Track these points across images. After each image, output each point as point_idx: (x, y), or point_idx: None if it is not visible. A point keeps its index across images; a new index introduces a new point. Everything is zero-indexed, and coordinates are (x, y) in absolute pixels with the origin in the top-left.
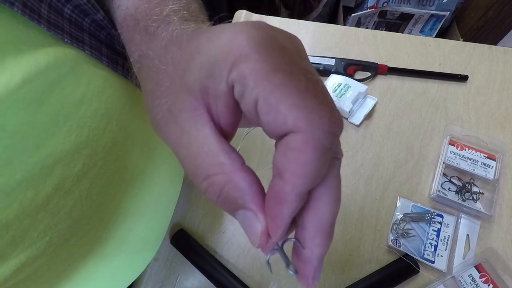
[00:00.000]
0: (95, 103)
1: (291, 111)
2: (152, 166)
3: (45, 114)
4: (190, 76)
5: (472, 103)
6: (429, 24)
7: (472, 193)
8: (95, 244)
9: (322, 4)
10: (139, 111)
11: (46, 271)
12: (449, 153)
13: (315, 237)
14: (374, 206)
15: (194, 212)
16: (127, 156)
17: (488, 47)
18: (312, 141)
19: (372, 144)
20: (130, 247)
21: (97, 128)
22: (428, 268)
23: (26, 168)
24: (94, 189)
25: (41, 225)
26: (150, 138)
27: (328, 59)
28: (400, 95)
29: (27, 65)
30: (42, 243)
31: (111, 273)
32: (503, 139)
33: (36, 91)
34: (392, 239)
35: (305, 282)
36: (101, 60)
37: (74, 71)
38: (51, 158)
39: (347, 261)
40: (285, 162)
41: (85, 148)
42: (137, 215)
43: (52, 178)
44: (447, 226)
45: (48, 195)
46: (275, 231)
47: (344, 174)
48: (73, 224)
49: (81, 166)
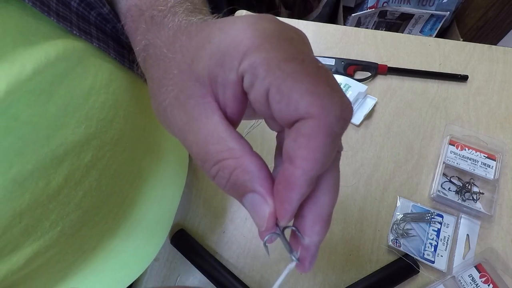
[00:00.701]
0: (102, 95)
1: (304, 97)
2: (158, 157)
3: (55, 105)
4: (199, 64)
5: (472, 103)
6: (429, 24)
7: (472, 193)
8: (104, 235)
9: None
10: (145, 104)
11: (57, 261)
12: (449, 153)
13: (314, 226)
14: (374, 206)
15: (194, 212)
16: (134, 148)
17: (488, 47)
18: (324, 126)
19: (372, 144)
20: (137, 240)
21: (105, 119)
22: (428, 268)
23: (37, 158)
24: (103, 180)
25: (53, 215)
26: (157, 131)
27: (328, 59)
28: (400, 95)
29: (38, 56)
30: (54, 233)
31: (119, 265)
32: (503, 139)
33: (46, 82)
34: (392, 239)
35: (301, 268)
36: (109, 53)
37: (82, 63)
38: (61, 148)
39: (347, 261)
40: (296, 148)
41: (94, 139)
42: (144, 208)
43: (62, 168)
44: (447, 226)
45: (59, 186)
46: (284, 215)
47: (344, 174)
48: (83, 214)
49: (90, 157)
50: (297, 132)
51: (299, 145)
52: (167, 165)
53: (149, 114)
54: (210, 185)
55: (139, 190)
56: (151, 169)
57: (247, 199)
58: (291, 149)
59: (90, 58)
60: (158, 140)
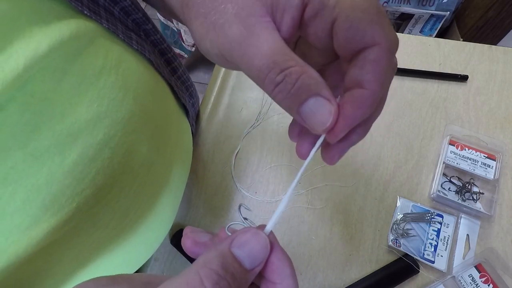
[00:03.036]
0: (113, 75)
1: (372, 26)
2: (164, 142)
3: (69, 83)
4: None
5: (472, 103)
6: (429, 24)
7: (472, 193)
8: (116, 213)
9: None
10: (152, 87)
11: (72, 237)
12: (449, 153)
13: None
14: (374, 206)
15: (194, 212)
16: (143, 129)
17: (488, 47)
18: (387, 52)
19: (372, 144)
20: (147, 223)
21: (116, 99)
22: (428, 268)
23: (53, 135)
24: (115, 158)
25: (68, 191)
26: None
27: None
28: (400, 95)
29: (52, 34)
30: (70, 209)
31: (129, 248)
32: (503, 139)
33: (61, 60)
34: (392, 239)
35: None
36: (118, 34)
37: (94, 43)
38: (75, 126)
39: (347, 261)
40: (364, 73)
41: (106, 118)
42: (152, 190)
43: (76, 145)
44: (447, 226)
45: (73, 162)
46: (343, 128)
47: (344, 174)
48: (97, 191)
49: (103, 135)
50: (364, 60)
51: (367, 70)
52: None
53: (155, 97)
54: (210, 185)
55: (149, 171)
56: (159, 150)
57: (309, 104)
58: (359, 75)
59: (100, 39)
60: (164, 125)
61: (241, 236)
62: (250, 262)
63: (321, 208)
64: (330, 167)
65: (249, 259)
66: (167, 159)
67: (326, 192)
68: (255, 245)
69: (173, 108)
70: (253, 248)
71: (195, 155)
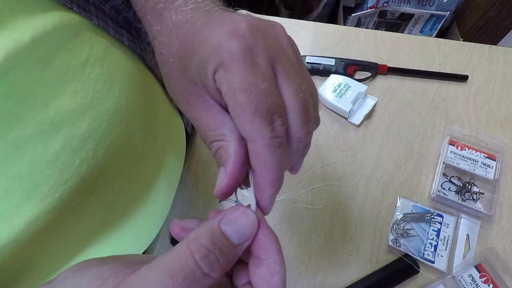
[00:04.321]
0: (98, 67)
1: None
2: (154, 136)
3: (52, 73)
4: (191, 71)
5: (472, 103)
6: (429, 24)
7: (472, 193)
8: (101, 205)
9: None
10: (140, 81)
11: (57, 227)
12: (449, 153)
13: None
14: (374, 206)
15: (194, 212)
16: (130, 122)
17: (488, 47)
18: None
19: (372, 144)
20: (135, 216)
21: (101, 91)
22: (428, 268)
23: (35, 124)
24: (100, 150)
25: (51, 180)
26: (151, 110)
27: (328, 59)
28: (400, 95)
29: (36, 25)
30: (54, 199)
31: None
32: (503, 139)
33: (44, 51)
34: (392, 239)
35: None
36: (108, 30)
37: (78, 36)
38: (58, 116)
39: (347, 261)
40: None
41: (90, 110)
42: (140, 184)
43: (60, 135)
44: (447, 226)
45: (56, 152)
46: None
47: (344, 174)
48: (81, 182)
49: (87, 126)
50: (249, 150)
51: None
52: (164, 144)
53: (143, 91)
54: (210, 185)
55: (136, 164)
56: (146, 145)
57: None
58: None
59: (86, 32)
60: (153, 120)
61: (230, 214)
62: (238, 238)
63: (321, 208)
64: (330, 167)
65: (237, 235)
66: (156, 154)
67: (326, 192)
68: (243, 222)
69: (164, 104)
70: (241, 224)
71: (195, 155)
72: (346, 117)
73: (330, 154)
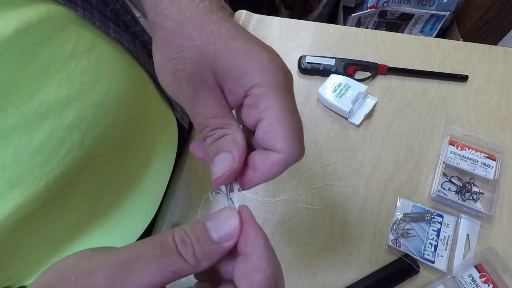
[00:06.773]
0: (84, 60)
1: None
2: (143, 127)
3: (37, 65)
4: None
5: (472, 103)
6: (429, 24)
7: (472, 193)
8: (88, 196)
9: (322, 4)
10: (129, 74)
11: (42, 216)
12: (449, 153)
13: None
14: (374, 206)
15: (194, 212)
16: (117, 114)
17: (488, 47)
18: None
19: (372, 144)
20: (123, 208)
21: (87, 83)
22: (428, 268)
23: (19, 115)
24: (86, 141)
25: (36, 170)
26: (141, 102)
27: (328, 59)
28: (400, 95)
29: (20, 17)
30: (38, 188)
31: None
32: (503, 139)
33: (29, 43)
34: (392, 239)
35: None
36: (94, 22)
37: (64, 28)
38: (43, 106)
39: (347, 261)
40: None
41: (76, 101)
42: (128, 176)
43: (44, 126)
44: (447, 226)
45: (41, 142)
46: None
47: (344, 174)
48: (66, 172)
49: (72, 118)
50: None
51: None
52: (153, 139)
53: (132, 84)
54: (210, 185)
55: (123, 156)
56: (135, 138)
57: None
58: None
59: (72, 25)
60: (143, 113)
61: (216, 213)
62: (217, 234)
63: (321, 208)
64: (330, 167)
65: (216, 231)
66: (145, 146)
67: (326, 192)
68: (225, 220)
69: (154, 98)
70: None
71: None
72: (346, 117)
73: (330, 154)
